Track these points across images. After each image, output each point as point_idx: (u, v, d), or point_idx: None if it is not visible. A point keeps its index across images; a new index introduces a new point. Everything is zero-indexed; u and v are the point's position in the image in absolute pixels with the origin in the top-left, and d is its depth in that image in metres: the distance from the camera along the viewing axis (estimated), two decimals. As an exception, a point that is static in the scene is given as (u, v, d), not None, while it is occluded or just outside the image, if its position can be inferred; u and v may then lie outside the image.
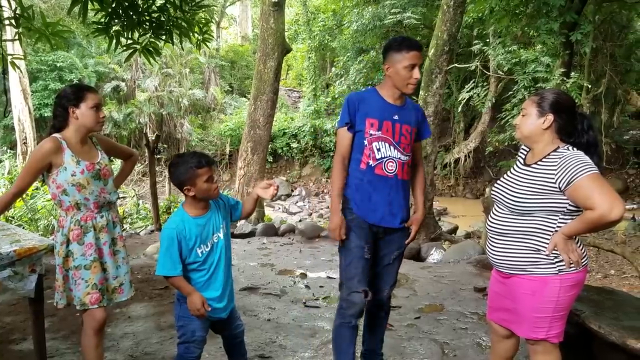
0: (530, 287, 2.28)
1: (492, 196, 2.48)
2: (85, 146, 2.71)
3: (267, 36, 10.09)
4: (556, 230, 2.23)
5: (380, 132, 2.71)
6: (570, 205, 2.20)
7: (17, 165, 15.67)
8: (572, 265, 2.22)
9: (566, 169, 2.15)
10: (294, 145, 19.96)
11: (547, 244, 2.24)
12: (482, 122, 15.73)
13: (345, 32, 18.95)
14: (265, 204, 12.68)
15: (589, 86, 10.20)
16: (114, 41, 4.46)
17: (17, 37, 4.43)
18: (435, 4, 14.42)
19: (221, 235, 2.54)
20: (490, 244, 2.44)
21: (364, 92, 2.88)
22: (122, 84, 20.09)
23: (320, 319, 4.16)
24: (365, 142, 2.73)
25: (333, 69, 21.42)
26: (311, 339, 3.70)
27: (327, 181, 19.86)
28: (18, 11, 4.11)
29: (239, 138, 16.29)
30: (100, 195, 2.68)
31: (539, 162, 2.28)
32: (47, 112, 16.71)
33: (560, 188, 2.16)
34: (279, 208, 16.92)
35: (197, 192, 2.41)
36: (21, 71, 14.30)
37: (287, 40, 11.40)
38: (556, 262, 2.24)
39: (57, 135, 2.63)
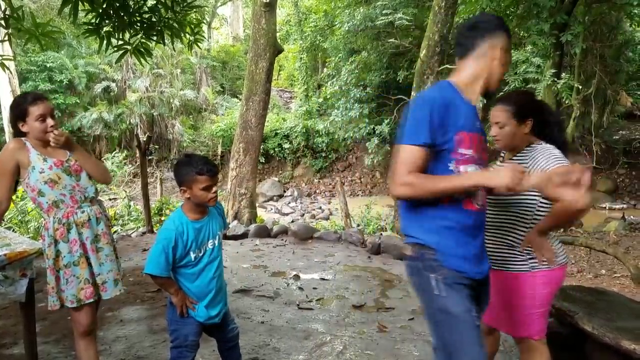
0: (505, 283, 2.34)
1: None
2: (51, 147, 2.67)
3: (259, 37, 10.06)
4: (531, 226, 2.29)
5: (472, 151, 1.94)
6: (542, 199, 2.26)
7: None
8: (544, 262, 2.27)
9: (536, 162, 2.24)
10: (286, 145, 19.94)
11: (522, 240, 2.30)
12: (473, 122, 15.78)
13: (336, 32, 18.97)
14: (257, 204, 12.64)
15: (579, 87, 10.27)
16: (105, 42, 4.43)
17: (6, 38, 4.39)
18: (426, 5, 14.46)
19: (216, 242, 2.54)
20: None
21: (445, 90, 1.98)
22: (113, 85, 19.97)
23: (314, 320, 4.14)
24: (452, 166, 1.92)
25: (325, 69, 21.44)
26: (305, 341, 3.68)
27: (319, 181, 19.86)
28: (8, 12, 4.07)
29: (230, 139, 16.26)
30: (75, 190, 2.66)
31: (513, 158, 2.39)
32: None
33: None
34: (272, 209, 16.89)
35: (191, 196, 2.40)
36: (11, 72, 14.21)
37: (278, 40, 11.37)
38: (528, 259, 2.30)
39: (21, 138, 2.64)
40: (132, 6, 4.46)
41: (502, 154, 2.57)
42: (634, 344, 2.57)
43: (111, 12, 4.33)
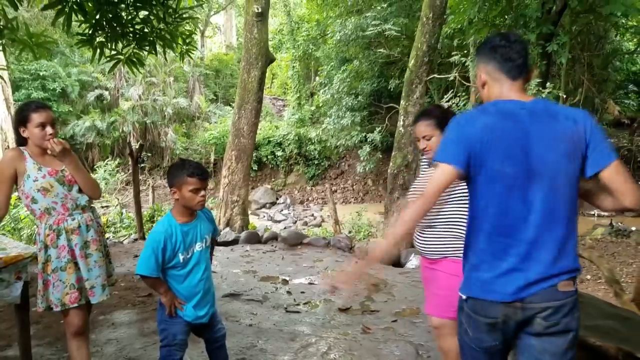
0: (451, 268, 2.54)
1: (411, 198, 2.78)
2: (49, 156, 2.79)
3: (251, 46, 10.22)
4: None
5: None
6: None
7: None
8: None
9: None
10: (279, 153, 20.05)
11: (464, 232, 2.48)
12: (463, 130, 15.95)
13: (328, 41, 19.17)
14: (250, 212, 12.73)
15: (564, 96, 10.46)
16: (98, 52, 4.54)
17: (1, 48, 4.50)
18: (417, 14, 14.63)
19: (203, 245, 2.66)
20: (419, 236, 2.72)
21: None
22: (106, 93, 20.06)
23: (301, 323, 4.26)
24: None
25: (317, 77, 21.61)
26: (291, 343, 3.80)
27: (312, 189, 19.96)
28: (2, 22, 4.17)
29: (223, 146, 16.36)
30: (66, 199, 2.77)
31: None
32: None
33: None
34: (264, 216, 16.97)
35: (180, 198, 2.53)
36: (5, 80, 14.28)
37: (271, 49, 11.52)
38: None
39: (19, 147, 2.78)
40: (125, 17, 4.57)
41: (426, 160, 2.83)
42: (599, 341, 2.71)
43: (104, 23, 4.43)
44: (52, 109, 2.88)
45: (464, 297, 1.96)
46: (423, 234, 2.70)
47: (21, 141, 2.78)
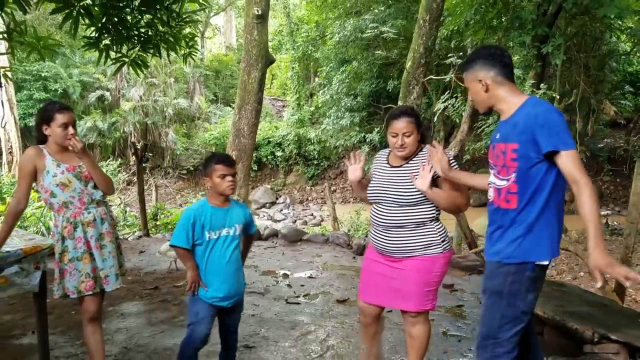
0: (422, 266, 2.70)
1: (373, 198, 2.84)
2: (67, 153, 3.00)
3: (251, 48, 10.40)
4: (437, 215, 2.75)
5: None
6: None
7: (2, 174, 15.75)
8: (447, 243, 2.74)
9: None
10: (279, 153, 20.25)
11: (433, 230, 2.71)
12: (461, 131, 16.12)
13: (328, 43, 19.38)
14: (250, 211, 12.91)
15: (558, 97, 10.67)
16: (104, 54, 4.72)
17: (9, 51, 4.68)
18: (414, 16, 14.81)
19: (231, 232, 2.87)
20: (383, 236, 2.77)
21: None
22: (107, 94, 20.25)
23: (301, 313, 4.46)
24: None
25: (316, 78, 21.82)
26: (291, 331, 4.01)
27: (311, 189, 20.17)
28: (11, 25, 4.36)
29: (223, 147, 16.56)
30: (83, 193, 2.98)
31: (412, 161, 2.77)
32: (32, 122, 16.77)
33: (433, 176, 2.67)
34: (264, 216, 17.17)
35: (212, 184, 2.82)
36: (11, 81, 14.46)
37: (271, 50, 11.71)
38: (442, 242, 2.71)
39: (39, 145, 2.98)
40: (130, 21, 4.74)
41: (383, 156, 2.94)
42: (576, 324, 2.91)
43: (110, 26, 4.60)
44: (73, 111, 3.08)
45: (545, 263, 2.22)
46: (389, 233, 2.74)
47: (41, 138, 2.98)
